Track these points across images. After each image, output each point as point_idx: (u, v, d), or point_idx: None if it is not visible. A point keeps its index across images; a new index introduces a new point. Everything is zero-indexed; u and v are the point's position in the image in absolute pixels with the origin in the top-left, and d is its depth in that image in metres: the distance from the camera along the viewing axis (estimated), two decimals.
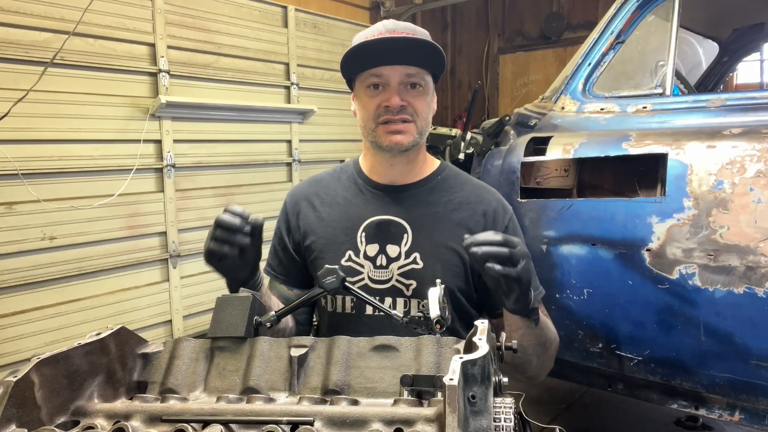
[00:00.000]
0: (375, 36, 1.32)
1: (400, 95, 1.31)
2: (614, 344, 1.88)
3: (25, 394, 0.74)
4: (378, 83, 1.33)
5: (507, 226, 1.42)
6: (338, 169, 1.56)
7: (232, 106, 3.78)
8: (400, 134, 1.33)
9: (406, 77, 1.32)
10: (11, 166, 2.73)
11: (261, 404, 0.81)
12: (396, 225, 1.39)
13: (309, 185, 1.54)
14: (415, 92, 1.34)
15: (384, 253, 1.37)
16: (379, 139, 1.35)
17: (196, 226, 3.66)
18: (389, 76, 1.32)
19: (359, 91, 1.38)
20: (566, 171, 2.17)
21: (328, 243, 1.41)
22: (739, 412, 1.75)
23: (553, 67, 5.68)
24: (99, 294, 3.16)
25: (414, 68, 1.32)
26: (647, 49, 2.10)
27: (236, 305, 0.96)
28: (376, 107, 1.33)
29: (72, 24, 2.85)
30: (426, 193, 1.43)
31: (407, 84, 1.33)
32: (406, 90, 1.33)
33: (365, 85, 1.35)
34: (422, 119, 1.36)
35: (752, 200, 1.61)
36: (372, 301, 1.14)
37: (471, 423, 0.67)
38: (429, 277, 1.30)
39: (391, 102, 1.31)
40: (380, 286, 1.36)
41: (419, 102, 1.34)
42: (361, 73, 1.35)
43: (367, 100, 1.35)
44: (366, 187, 1.46)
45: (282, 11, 4.22)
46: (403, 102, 1.32)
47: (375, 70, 1.32)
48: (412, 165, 1.44)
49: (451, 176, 1.48)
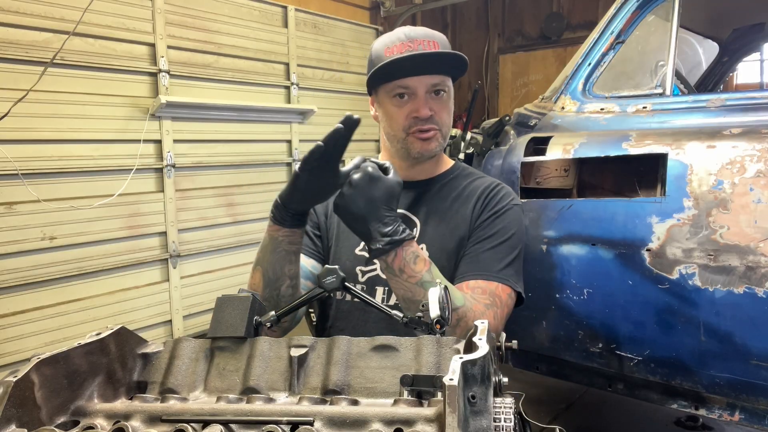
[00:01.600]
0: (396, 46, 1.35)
1: (428, 105, 1.36)
2: (614, 344, 1.88)
3: (25, 394, 0.74)
4: (404, 93, 1.37)
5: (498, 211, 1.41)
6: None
7: (232, 106, 3.79)
8: (429, 142, 1.40)
9: (431, 87, 1.37)
10: (11, 166, 2.74)
11: (261, 404, 0.81)
12: (406, 218, 1.45)
13: None
14: (440, 99, 1.39)
15: None
16: (410, 147, 1.41)
17: (196, 226, 3.66)
18: (416, 87, 1.36)
19: (383, 98, 1.41)
20: (566, 171, 2.17)
21: (343, 232, 1.45)
22: (739, 412, 1.75)
23: (553, 67, 5.69)
24: (99, 294, 3.17)
25: (439, 77, 1.38)
26: (647, 49, 2.10)
27: (236, 305, 0.96)
28: (406, 117, 1.38)
29: (72, 24, 2.85)
30: (437, 189, 1.49)
31: (432, 92, 1.38)
32: (431, 98, 1.38)
33: (391, 95, 1.39)
34: (446, 126, 1.42)
35: (752, 200, 1.61)
36: (372, 301, 1.14)
37: (471, 423, 0.67)
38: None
39: (421, 113, 1.36)
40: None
41: (444, 109, 1.40)
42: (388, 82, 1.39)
43: (394, 110, 1.39)
44: None
45: (282, 11, 4.23)
46: (431, 112, 1.37)
47: (401, 81, 1.36)
48: (430, 166, 1.50)
49: (462, 174, 1.54)
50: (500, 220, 1.41)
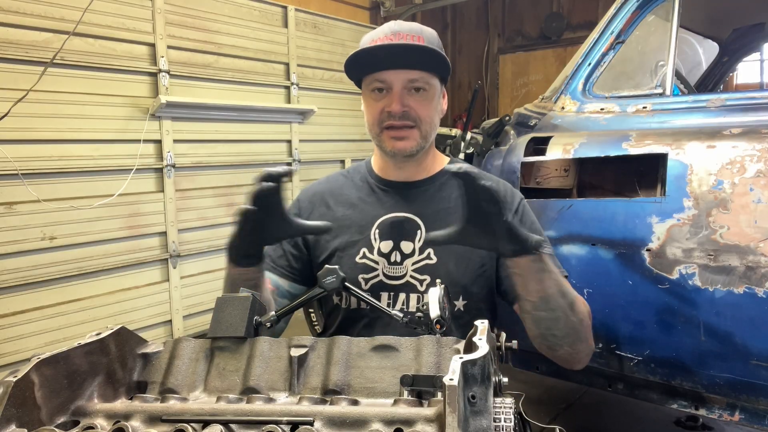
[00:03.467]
0: (380, 38, 1.32)
1: (403, 100, 1.31)
2: (614, 344, 1.88)
3: (25, 394, 0.74)
4: (381, 87, 1.33)
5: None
6: (351, 170, 1.57)
7: (232, 106, 3.79)
8: (403, 141, 1.33)
9: (408, 82, 1.32)
10: (11, 166, 2.74)
11: (261, 404, 0.81)
12: (409, 221, 1.40)
13: (323, 184, 1.55)
14: (419, 96, 1.33)
15: (398, 250, 1.37)
16: (383, 144, 1.36)
17: (196, 226, 3.66)
18: (392, 81, 1.31)
19: (364, 93, 1.39)
20: (566, 171, 2.17)
21: (343, 242, 1.41)
22: (739, 412, 1.75)
23: (553, 67, 5.69)
24: (99, 294, 3.17)
25: (417, 72, 1.31)
26: (647, 49, 2.10)
27: (236, 305, 0.96)
28: (380, 112, 1.33)
29: (72, 24, 2.85)
30: (437, 189, 1.44)
31: (410, 88, 1.32)
32: (409, 95, 1.32)
33: (369, 89, 1.35)
34: (426, 123, 1.35)
35: (752, 200, 1.61)
36: (372, 301, 1.14)
37: (471, 423, 0.67)
38: (443, 272, 1.31)
39: (393, 108, 1.31)
40: (395, 282, 1.36)
41: (422, 107, 1.33)
42: (366, 76, 1.36)
43: (371, 104, 1.36)
44: (378, 186, 1.46)
45: (282, 11, 4.23)
46: (405, 107, 1.31)
47: (378, 74, 1.32)
48: (422, 166, 1.45)
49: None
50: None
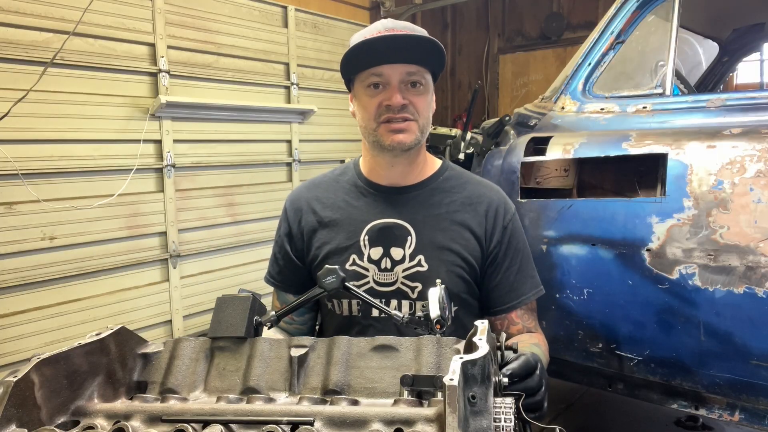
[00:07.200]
0: (374, 35, 1.30)
1: (402, 94, 1.30)
2: (614, 344, 1.88)
3: (25, 394, 0.74)
4: (378, 82, 1.32)
5: (506, 226, 1.42)
6: (337, 172, 1.54)
7: (232, 106, 3.79)
8: (402, 133, 1.32)
9: (407, 76, 1.31)
10: (11, 166, 2.73)
11: (261, 404, 0.81)
12: (399, 228, 1.38)
13: (308, 189, 1.52)
14: (416, 91, 1.33)
15: (388, 256, 1.36)
16: (381, 138, 1.33)
17: (196, 226, 3.66)
18: (390, 75, 1.30)
19: (359, 90, 1.37)
20: (566, 171, 2.17)
21: (332, 248, 1.40)
22: (739, 412, 1.75)
23: (553, 67, 5.68)
24: (99, 294, 3.16)
25: (414, 66, 1.31)
26: (647, 49, 2.09)
27: (236, 305, 0.96)
28: (378, 106, 1.32)
29: (72, 24, 2.85)
30: (428, 194, 1.42)
31: (408, 83, 1.32)
32: (406, 88, 1.32)
33: (365, 85, 1.34)
34: (423, 118, 1.35)
35: (752, 200, 1.61)
36: (372, 301, 1.14)
37: (471, 423, 0.67)
38: (434, 279, 1.30)
39: (393, 101, 1.29)
40: (385, 288, 1.36)
41: (420, 100, 1.33)
42: (361, 72, 1.34)
43: (367, 100, 1.34)
44: (367, 189, 1.44)
45: (282, 11, 4.22)
46: (405, 100, 1.30)
47: (375, 69, 1.31)
48: (413, 165, 1.43)
49: (453, 176, 1.47)
50: (513, 237, 1.42)
